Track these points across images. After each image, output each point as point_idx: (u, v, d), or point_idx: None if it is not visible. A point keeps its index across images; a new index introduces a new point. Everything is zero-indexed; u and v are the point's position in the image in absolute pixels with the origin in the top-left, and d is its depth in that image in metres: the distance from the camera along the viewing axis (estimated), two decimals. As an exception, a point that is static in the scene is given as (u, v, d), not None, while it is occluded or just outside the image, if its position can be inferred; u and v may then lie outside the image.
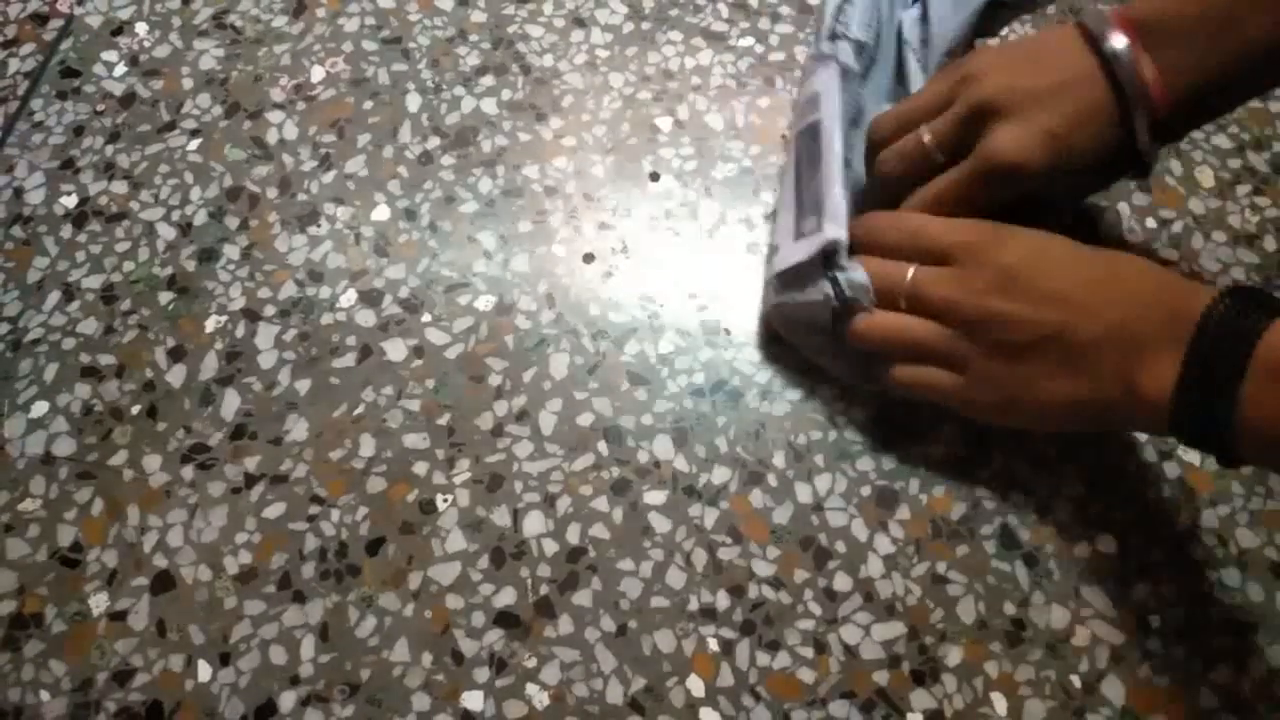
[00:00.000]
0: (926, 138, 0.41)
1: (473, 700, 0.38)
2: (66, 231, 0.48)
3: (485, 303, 0.46)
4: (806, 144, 0.44)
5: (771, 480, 0.42)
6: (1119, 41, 0.38)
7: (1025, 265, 0.37)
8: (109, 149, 0.51)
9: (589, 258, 0.48)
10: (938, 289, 0.39)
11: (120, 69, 0.53)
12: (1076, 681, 0.39)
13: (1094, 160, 0.39)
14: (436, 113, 0.51)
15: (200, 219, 0.49)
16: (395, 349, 0.45)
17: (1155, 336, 0.34)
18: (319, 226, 0.48)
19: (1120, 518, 0.42)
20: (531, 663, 0.39)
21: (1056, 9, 0.54)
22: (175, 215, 0.49)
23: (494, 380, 0.45)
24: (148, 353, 0.45)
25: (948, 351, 0.39)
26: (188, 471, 0.43)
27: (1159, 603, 0.40)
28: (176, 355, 0.45)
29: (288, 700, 0.38)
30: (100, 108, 0.52)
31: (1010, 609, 0.40)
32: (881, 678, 0.39)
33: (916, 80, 0.46)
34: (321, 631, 0.40)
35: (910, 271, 0.39)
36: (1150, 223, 0.49)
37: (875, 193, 0.44)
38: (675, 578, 0.41)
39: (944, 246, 0.39)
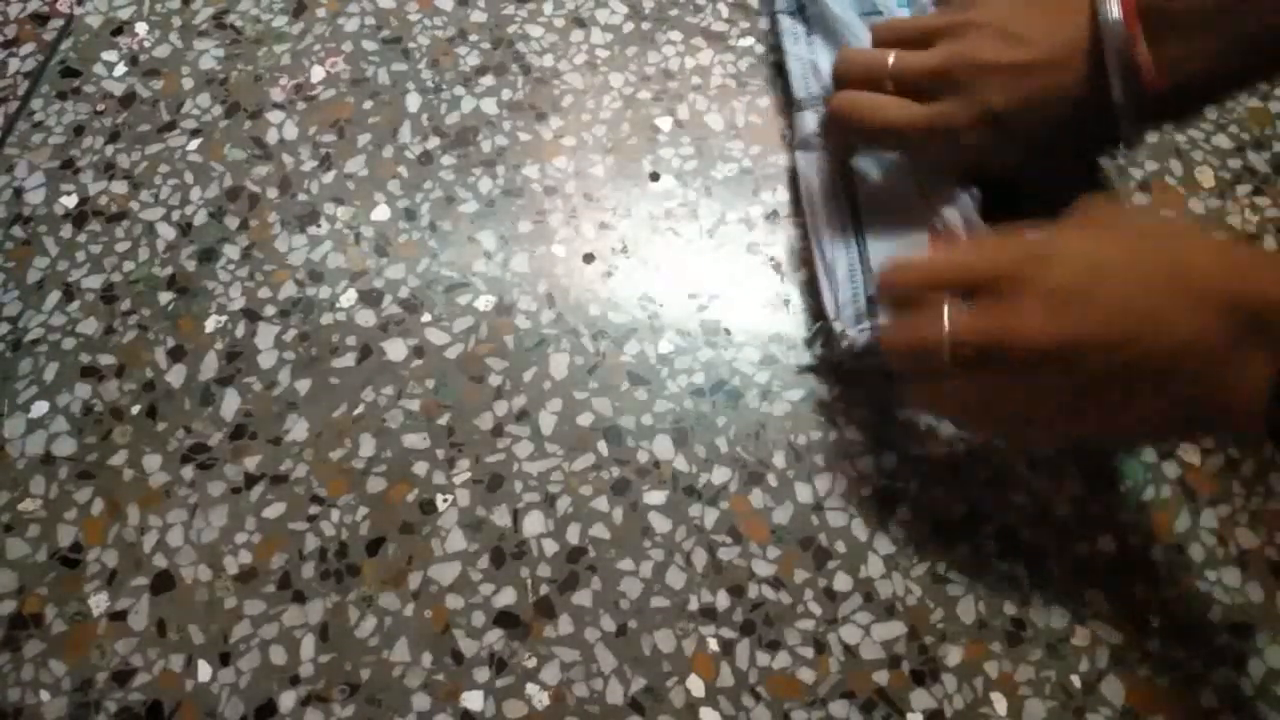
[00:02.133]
0: (890, 60, 0.41)
1: (473, 700, 0.38)
2: (66, 231, 0.48)
3: (485, 303, 0.46)
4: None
5: (771, 480, 0.42)
6: (1114, 10, 0.36)
7: (1078, 282, 0.33)
8: (109, 149, 0.51)
9: (589, 258, 0.48)
10: (981, 332, 0.34)
11: (120, 69, 0.53)
12: (1076, 681, 0.39)
13: (1049, 140, 0.39)
14: (436, 113, 0.51)
15: (200, 219, 0.49)
16: (395, 349, 0.45)
17: (1239, 339, 0.31)
18: (319, 226, 0.48)
19: (1120, 518, 0.42)
20: (531, 663, 0.39)
21: None
22: (175, 215, 0.49)
23: (494, 380, 0.45)
24: (148, 353, 0.45)
25: (1013, 407, 0.35)
26: (188, 471, 0.43)
27: (1159, 603, 0.40)
28: (176, 355, 0.45)
29: (288, 700, 0.38)
30: (100, 108, 0.52)
31: (1010, 609, 0.40)
32: (881, 678, 0.39)
33: None
34: (321, 631, 0.40)
35: (945, 319, 0.35)
36: (1150, 223, 0.49)
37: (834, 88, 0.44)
38: (675, 578, 0.41)
39: (977, 278, 0.35)
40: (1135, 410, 0.33)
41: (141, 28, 0.54)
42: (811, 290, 0.46)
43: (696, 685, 0.39)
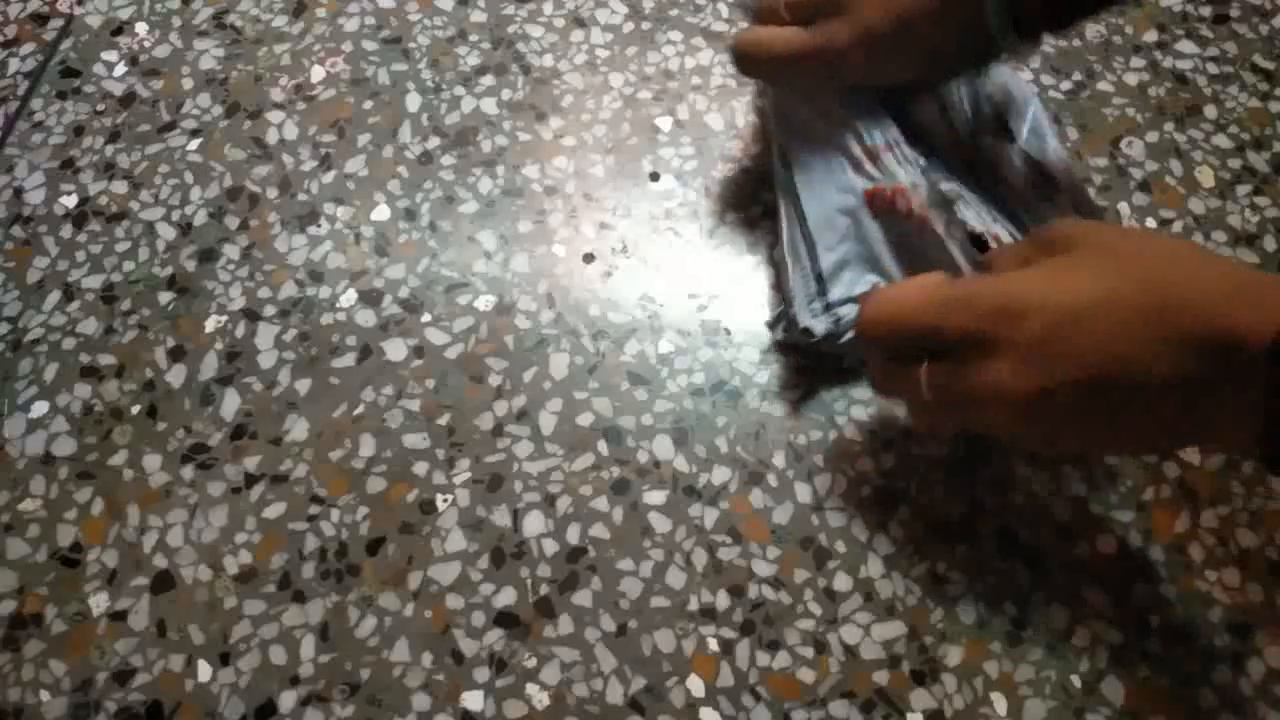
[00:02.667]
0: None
1: (473, 700, 0.38)
2: (66, 231, 0.48)
3: (485, 303, 0.46)
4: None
5: (771, 480, 0.42)
6: None
7: (1051, 334, 0.32)
8: (109, 149, 0.51)
9: (589, 258, 0.48)
10: (955, 393, 0.34)
11: (120, 69, 0.53)
12: (1076, 681, 0.39)
13: (932, 58, 0.42)
14: (436, 113, 0.51)
15: (200, 219, 0.49)
16: (395, 349, 0.45)
17: (1219, 373, 0.30)
18: (319, 226, 0.48)
19: (1120, 518, 0.42)
20: (531, 663, 0.39)
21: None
22: (175, 215, 0.49)
23: (494, 380, 0.45)
24: (148, 353, 0.45)
25: (999, 430, 0.35)
26: (188, 471, 0.43)
27: (1159, 603, 0.40)
28: (176, 355, 0.45)
29: (288, 700, 0.38)
30: (100, 108, 0.52)
31: (1010, 609, 0.40)
32: (881, 678, 0.39)
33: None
34: (321, 631, 0.40)
35: (923, 373, 0.35)
36: (1150, 223, 0.49)
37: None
38: (675, 578, 0.41)
39: (953, 337, 0.34)
40: (1125, 434, 0.33)
41: (141, 28, 0.54)
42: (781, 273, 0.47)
43: (696, 685, 0.39)
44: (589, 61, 0.53)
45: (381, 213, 0.49)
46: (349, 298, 0.47)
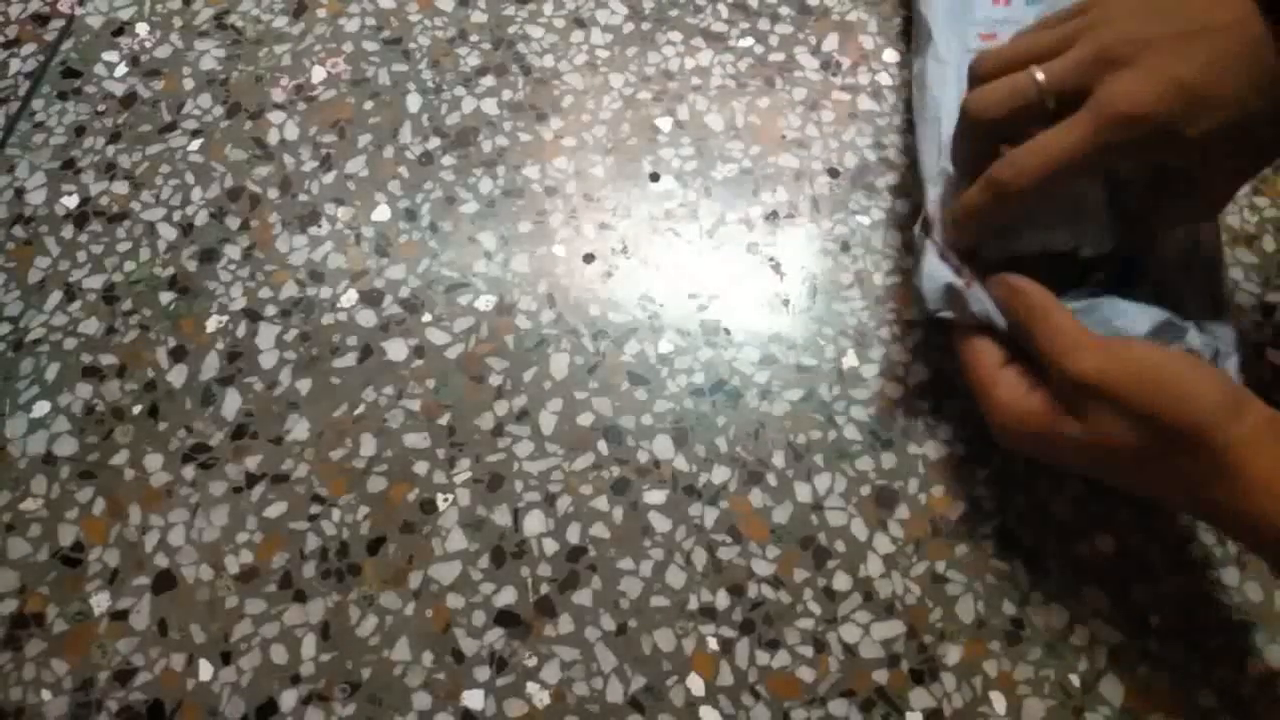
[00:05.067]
0: (1040, 77, 0.34)
1: (473, 699, 0.38)
2: (68, 231, 0.48)
3: (485, 303, 0.46)
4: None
5: (771, 480, 0.43)
6: None
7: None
8: (110, 149, 0.51)
9: (589, 258, 0.48)
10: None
11: (121, 69, 0.53)
12: (1076, 681, 0.39)
13: (1249, 110, 0.33)
14: (437, 113, 0.51)
15: (201, 219, 0.49)
16: (396, 349, 0.45)
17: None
18: (319, 227, 0.48)
19: (1120, 518, 0.42)
20: (532, 662, 0.39)
21: None
22: (176, 215, 0.49)
23: (494, 380, 0.45)
24: (149, 352, 0.45)
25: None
26: (189, 471, 0.43)
27: (1158, 602, 0.40)
28: (178, 355, 0.45)
29: (289, 699, 0.38)
30: (101, 108, 0.52)
31: (1010, 609, 0.40)
32: (881, 677, 0.39)
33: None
34: (322, 630, 0.40)
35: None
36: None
37: (964, 142, 0.38)
38: (675, 577, 0.41)
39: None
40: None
41: (142, 28, 0.55)
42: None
43: (696, 684, 0.39)
44: (589, 62, 0.53)
45: (382, 213, 0.49)
46: (350, 298, 0.47)
